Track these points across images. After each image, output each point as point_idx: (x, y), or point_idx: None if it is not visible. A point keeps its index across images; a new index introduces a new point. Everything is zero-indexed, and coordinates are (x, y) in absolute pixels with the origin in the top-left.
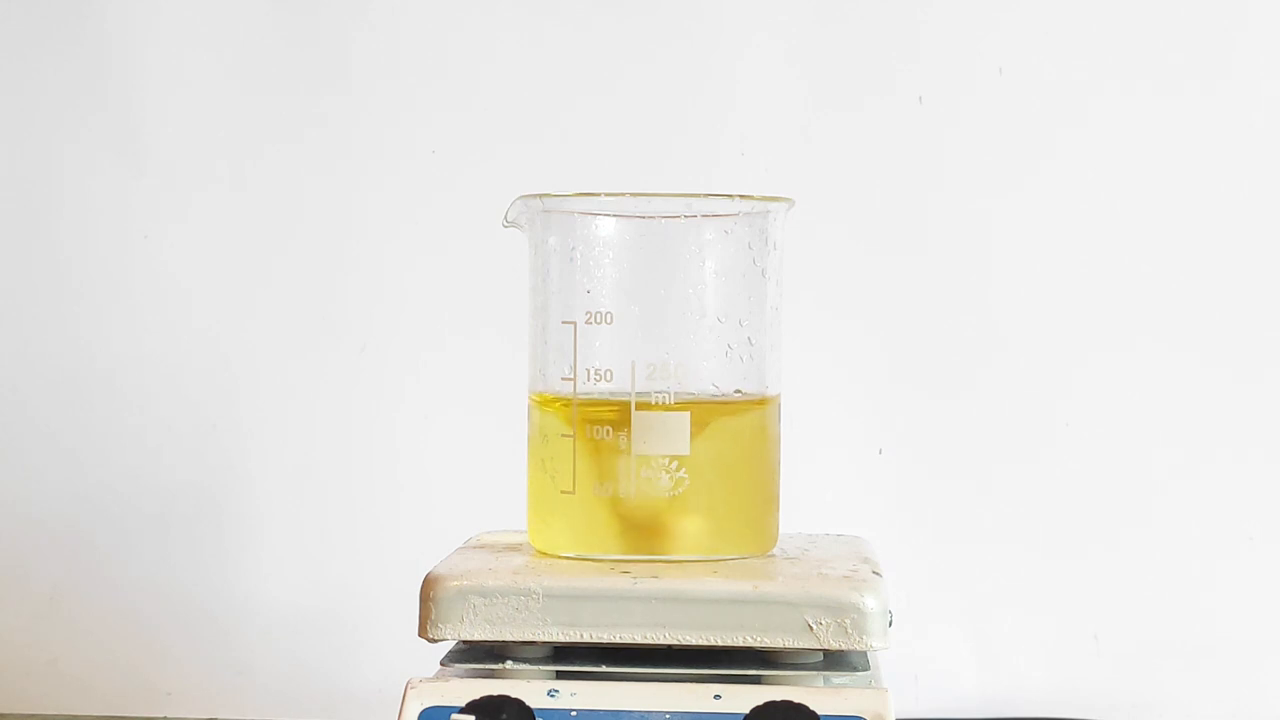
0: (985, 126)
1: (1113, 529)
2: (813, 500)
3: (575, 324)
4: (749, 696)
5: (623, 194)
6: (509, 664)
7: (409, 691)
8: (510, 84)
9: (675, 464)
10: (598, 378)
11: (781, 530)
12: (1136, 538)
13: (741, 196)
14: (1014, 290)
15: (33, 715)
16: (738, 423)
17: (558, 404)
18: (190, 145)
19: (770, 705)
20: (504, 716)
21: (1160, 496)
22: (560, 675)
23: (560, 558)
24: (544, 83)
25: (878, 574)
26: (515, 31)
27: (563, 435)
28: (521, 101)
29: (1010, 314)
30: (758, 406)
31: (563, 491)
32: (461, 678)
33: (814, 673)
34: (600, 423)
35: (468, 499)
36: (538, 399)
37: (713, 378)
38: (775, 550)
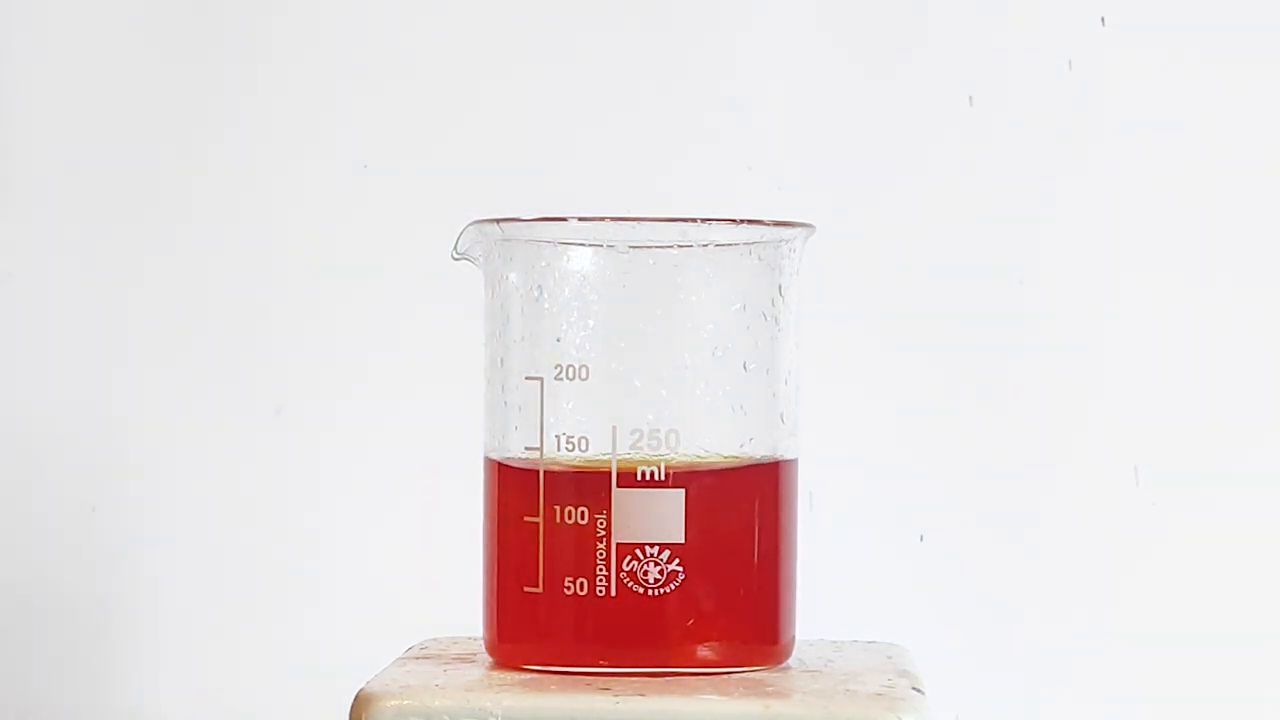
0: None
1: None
2: (838, 598)
3: (542, 380)
4: None
5: (601, 218)
6: None
7: None
8: (462, 82)
9: (666, 553)
10: (570, 446)
11: (799, 636)
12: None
13: (749, 222)
14: (1101, 342)
15: None
16: (745, 502)
17: (520, 479)
18: (64, 167)
19: None
20: None
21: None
22: None
23: (524, 671)
24: (503, 80)
25: (918, 690)
26: (468, 15)
27: (526, 519)
28: (476, 104)
29: (1095, 369)
30: (769, 480)
31: (526, 589)
32: None
33: None
34: (573, 503)
35: (408, 597)
36: (495, 473)
37: (713, 445)
38: (791, 661)
